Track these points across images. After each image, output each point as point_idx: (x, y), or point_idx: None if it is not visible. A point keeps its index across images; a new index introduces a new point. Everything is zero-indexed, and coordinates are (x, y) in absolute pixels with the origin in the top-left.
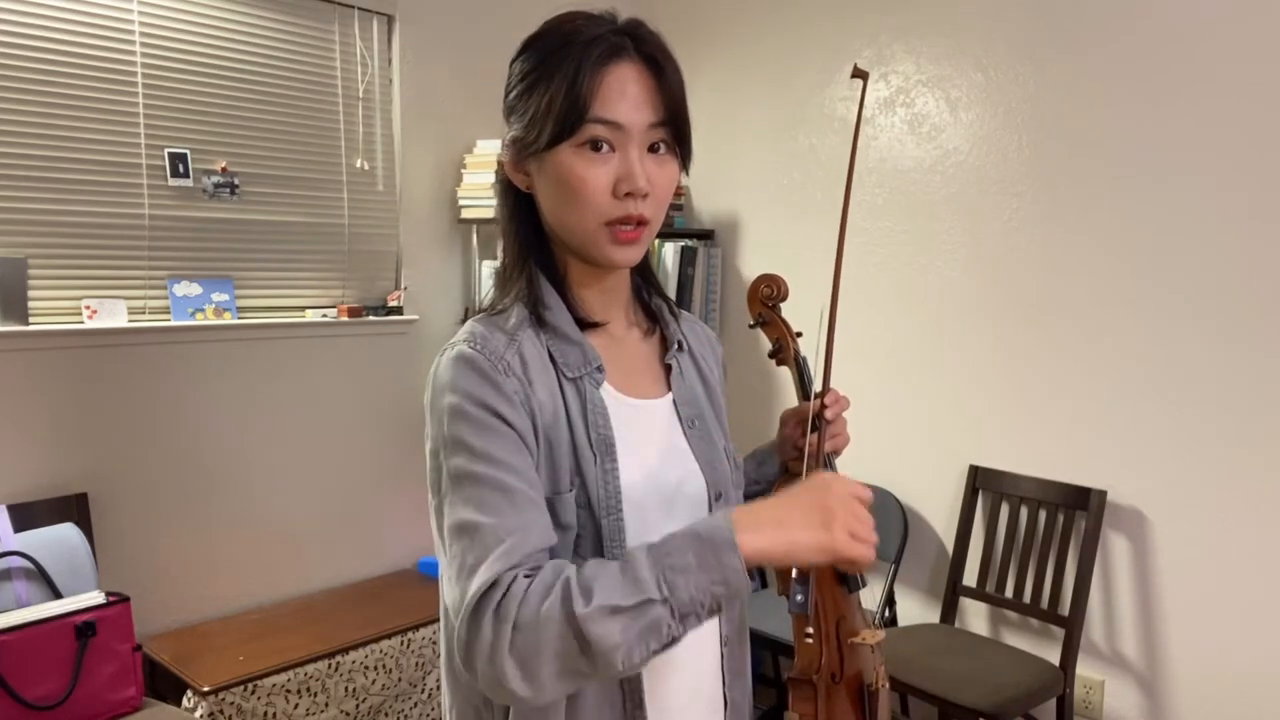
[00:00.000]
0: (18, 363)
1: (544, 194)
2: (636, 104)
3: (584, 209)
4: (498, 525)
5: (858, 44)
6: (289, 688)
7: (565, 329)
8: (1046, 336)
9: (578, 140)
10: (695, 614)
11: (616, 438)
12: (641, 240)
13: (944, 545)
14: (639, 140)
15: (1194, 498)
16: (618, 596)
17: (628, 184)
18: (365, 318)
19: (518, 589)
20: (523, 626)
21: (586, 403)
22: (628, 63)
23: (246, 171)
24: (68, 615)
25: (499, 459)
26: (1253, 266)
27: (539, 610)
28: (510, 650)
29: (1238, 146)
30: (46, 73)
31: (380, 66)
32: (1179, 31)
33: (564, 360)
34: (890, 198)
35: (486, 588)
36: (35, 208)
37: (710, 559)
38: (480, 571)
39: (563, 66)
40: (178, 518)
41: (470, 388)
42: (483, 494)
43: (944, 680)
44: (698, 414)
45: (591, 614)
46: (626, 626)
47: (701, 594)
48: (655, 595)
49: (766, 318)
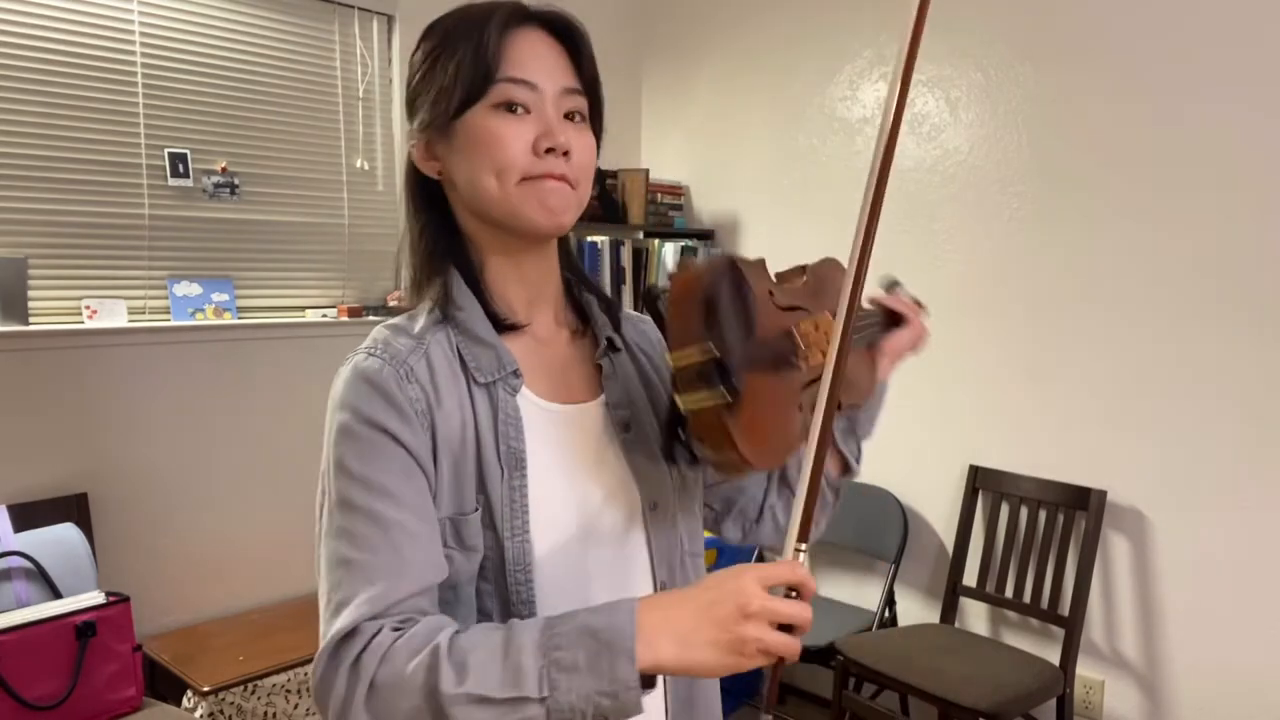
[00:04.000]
0: (18, 363)
1: (459, 168)
2: (548, 67)
3: (504, 167)
4: (369, 564)
5: (858, 44)
6: (289, 688)
7: (478, 330)
8: (1046, 336)
9: (491, 101)
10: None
11: (531, 449)
12: (569, 204)
13: (944, 545)
14: (554, 103)
15: (1194, 498)
16: (492, 685)
17: (548, 139)
18: (365, 318)
19: (380, 643)
20: (380, 687)
21: (498, 411)
22: (533, 29)
23: (246, 171)
24: (68, 615)
25: (381, 487)
26: (1253, 266)
27: (401, 673)
28: (364, 709)
29: (1238, 146)
30: (46, 73)
31: (380, 66)
32: (1179, 31)
33: (475, 364)
34: (890, 198)
35: (346, 633)
36: (35, 208)
37: (603, 664)
38: (344, 614)
39: (467, 37)
40: (178, 518)
41: (359, 404)
42: (359, 527)
43: (944, 680)
44: (632, 417)
45: (458, 697)
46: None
47: (584, 703)
48: (533, 694)
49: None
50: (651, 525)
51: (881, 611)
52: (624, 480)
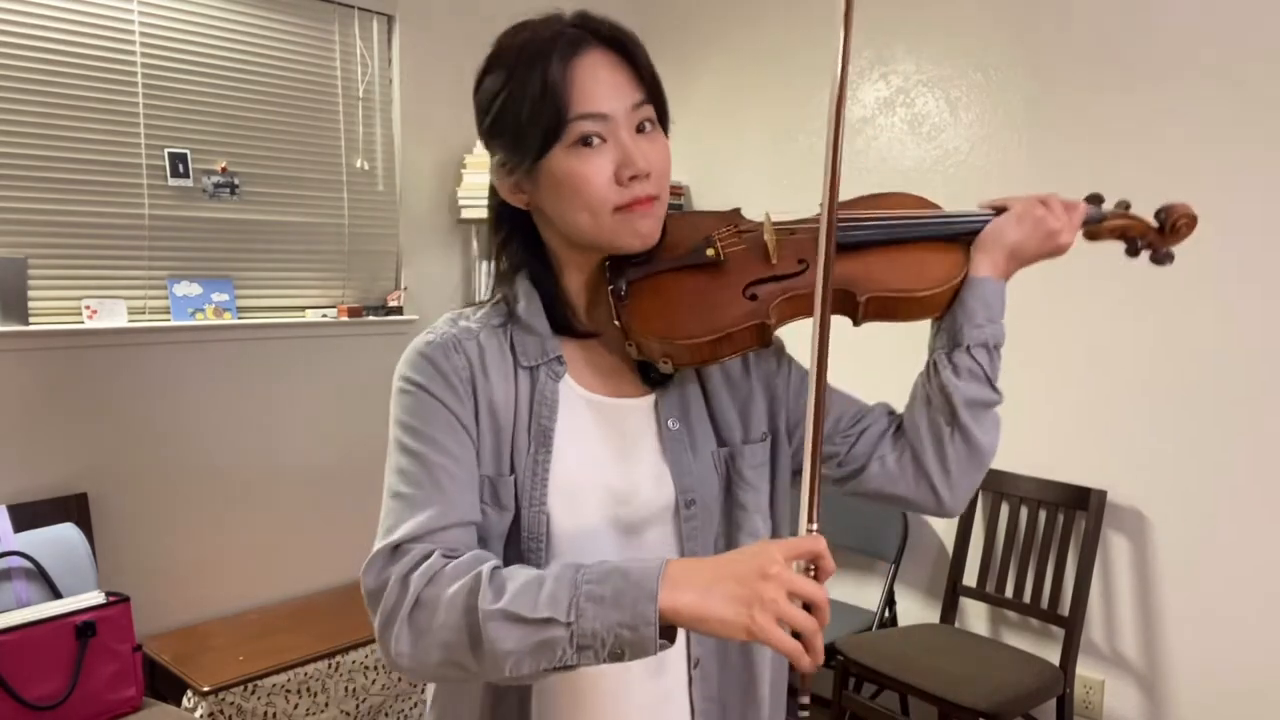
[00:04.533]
0: (18, 363)
1: (549, 204)
2: (613, 90)
3: (593, 204)
4: (416, 497)
5: (858, 44)
6: (289, 688)
7: (532, 322)
8: (1046, 336)
9: (567, 141)
10: (594, 649)
11: (561, 431)
12: (656, 214)
13: (944, 545)
14: (626, 124)
15: (1194, 498)
16: (525, 606)
17: (629, 168)
18: (365, 318)
19: (431, 566)
20: (425, 603)
21: (535, 392)
22: (592, 51)
23: (246, 171)
24: (68, 615)
25: (427, 436)
26: (1252, 265)
27: (444, 592)
28: (407, 621)
29: (1238, 146)
30: (46, 73)
31: (380, 66)
32: (1179, 30)
33: (522, 349)
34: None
35: (396, 544)
36: (35, 208)
37: (627, 600)
38: (396, 532)
39: (530, 76)
40: (178, 518)
41: (410, 371)
42: (408, 466)
43: (944, 680)
44: (682, 416)
45: (493, 613)
46: (523, 638)
47: (606, 631)
48: (561, 617)
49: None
50: (684, 521)
51: (881, 611)
52: (658, 474)
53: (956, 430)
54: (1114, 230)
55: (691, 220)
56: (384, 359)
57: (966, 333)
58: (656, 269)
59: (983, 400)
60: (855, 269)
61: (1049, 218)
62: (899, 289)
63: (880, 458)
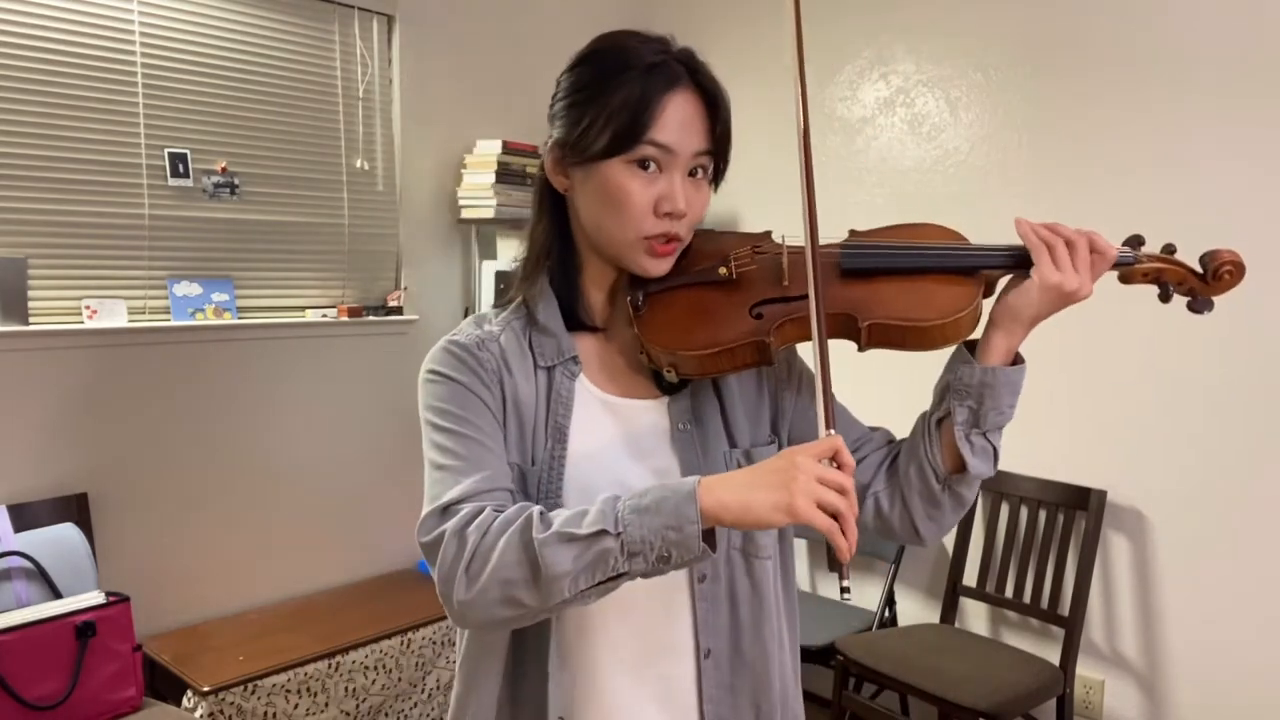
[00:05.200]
0: (18, 363)
1: (585, 199)
2: (689, 131)
3: (626, 222)
4: (457, 467)
5: (858, 44)
6: (289, 688)
7: (549, 324)
8: (1045, 336)
9: (630, 157)
10: (643, 554)
11: (575, 428)
12: (674, 255)
13: (944, 545)
14: (683, 164)
15: (1194, 498)
16: (575, 525)
17: (669, 204)
18: (365, 318)
19: (485, 519)
20: (481, 552)
21: (553, 391)
22: (688, 91)
23: (246, 171)
24: (68, 615)
25: (458, 415)
26: (1253, 264)
27: (498, 540)
28: (465, 570)
29: (1237, 145)
30: (46, 73)
31: (380, 66)
32: (1179, 30)
33: (540, 350)
34: (890, 198)
35: (451, 503)
36: (35, 208)
37: (669, 505)
38: (444, 496)
39: (625, 85)
40: (178, 518)
41: (438, 365)
42: (446, 442)
43: (944, 680)
44: (691, 419)
45: (548, 539)
46: (578, 555)
47: (653, 535)
48: (610, 528)
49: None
50: None
51: (881, 611)
52: (668, 473)
53: (948, 492)
54: (1148, 274)
55: (717, 239)
56: (384, 359)
57: (991, 418)
58: (673, 284)
59: (985, 475)
60: (862, 295)
61: (1066, 281)
62: (902, 318)
63: (875, 494)
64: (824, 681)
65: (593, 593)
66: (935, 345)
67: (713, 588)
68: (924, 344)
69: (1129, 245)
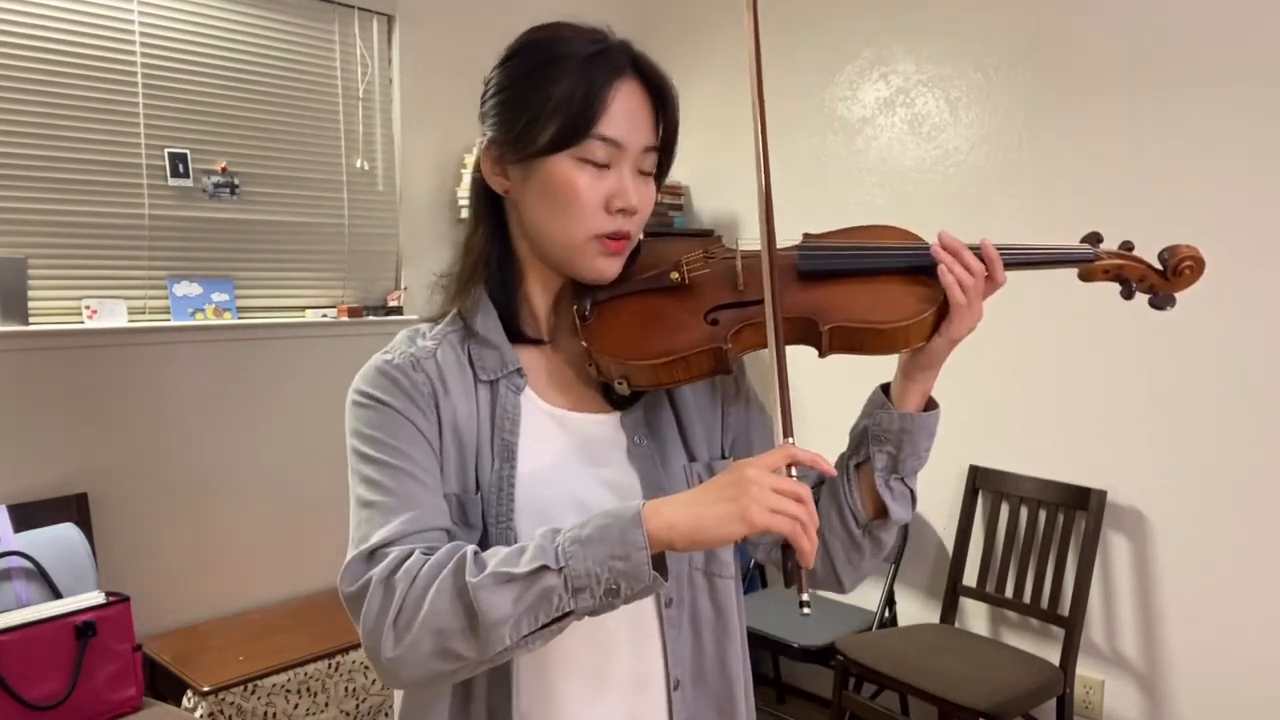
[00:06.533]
0: (18, 363)
1: (528, 200)
2: (637, 124)
3: (575, 221)
4: (386, 504)
5: (858, 44)
6: (289, 688)
7: (490, 336)
8: (1045, 336)
9: (578, 153)
10: (589, 589)
11: (524, 445)
12: (624, 254)
13: (944, 545)
14: (633, 160)
15: (1194, 498)
16: (511, 564)
17: (622, 200)
18: (365, 318)
19: (413, 564)
20: (410, 602)
21: (496, 406)
22: (634, 82)
23: (246, 171)
24: (68, 615)
25: (388, 445)
26: (1251, 265)
27: (429, 586)
28: (393, 623)
29: (1237, 147)
30: (46, 73)
31: (380, 66)
32: (1180, 30)
33: (480, 363)
34: (890, 198)
35: (379, 545)
36: (35, 208)
37: (612, 532)
38: (371, 538)
39: (566, 76)
40: (178, 518)
41: (369, 387)
42: (374, 475)
43: (944, 680)
44: (646, 433)
45: (483, 581)
46: (518, 597)
47: (598, 566)
48: (550, 563)
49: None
50: None
51: (881, 611)
52: (628, 488)
53: (869, 537)
54: (1108, 271)
55: (666, 245)
56: None
57: (909, 464)
58: (622, 291)
59: (904, 520)
60: (821, 298)
61: (970, 313)
62: (863, 320)
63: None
64: (824, 681)
65: (537, 638)
66: (898, 348)
67: (679, 613)
68: (885, 347)
69: (1087, 242)
